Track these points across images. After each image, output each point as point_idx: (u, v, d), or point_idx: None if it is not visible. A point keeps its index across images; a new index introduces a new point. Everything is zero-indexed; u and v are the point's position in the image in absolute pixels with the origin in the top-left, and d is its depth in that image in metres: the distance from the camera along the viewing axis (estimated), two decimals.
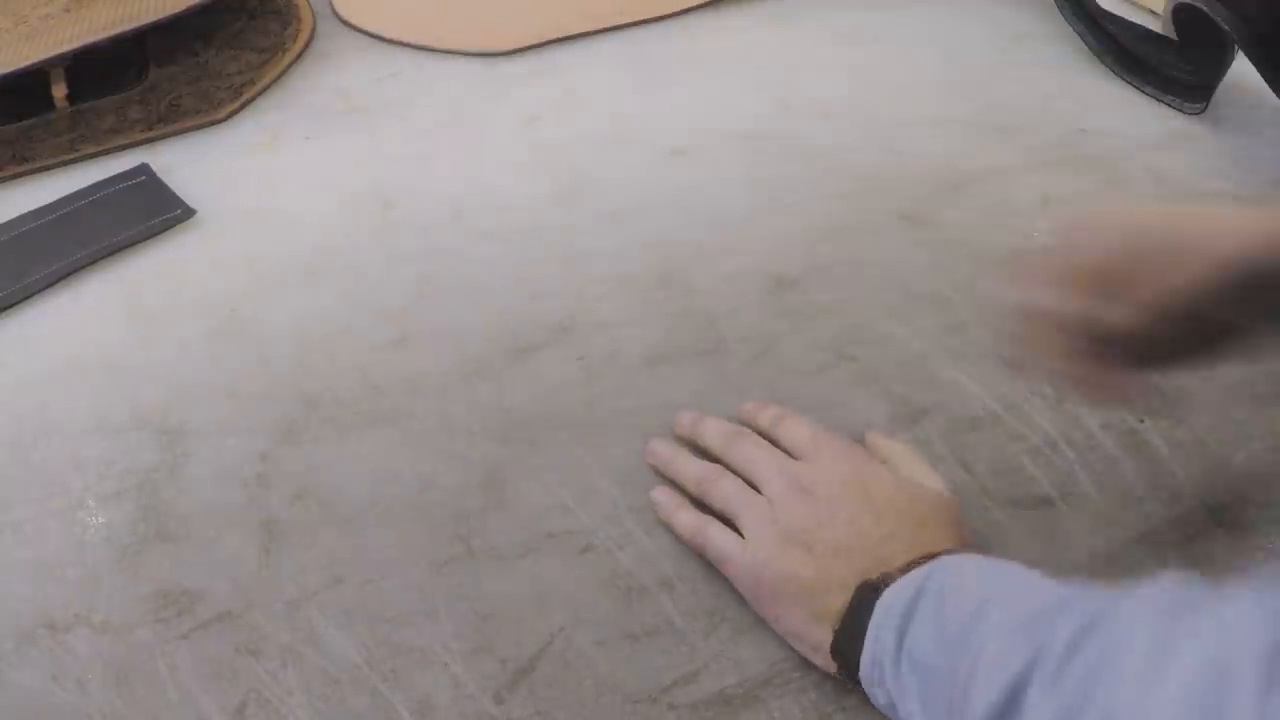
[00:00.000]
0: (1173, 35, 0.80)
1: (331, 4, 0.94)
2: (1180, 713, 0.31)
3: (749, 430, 0.54)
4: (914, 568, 0.44)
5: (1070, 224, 0.49)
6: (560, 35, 0.89)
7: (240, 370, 0.61)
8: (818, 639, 0.46)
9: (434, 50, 0.88)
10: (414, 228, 0.71)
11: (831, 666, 0.46)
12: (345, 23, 0.92)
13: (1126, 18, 0.85)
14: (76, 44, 0.77)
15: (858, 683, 0.44)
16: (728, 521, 0.50)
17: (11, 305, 0.65)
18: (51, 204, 0.72)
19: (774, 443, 0.53)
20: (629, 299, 0.65)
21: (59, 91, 0.78)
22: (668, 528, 0.52)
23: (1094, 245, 0.48)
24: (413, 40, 0.89)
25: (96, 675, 0.47)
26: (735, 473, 0.52)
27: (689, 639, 0.49)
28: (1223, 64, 0.75)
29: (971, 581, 0.42)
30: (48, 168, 0.75)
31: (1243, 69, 0.74)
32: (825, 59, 0.87)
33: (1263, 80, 0.73)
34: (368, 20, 0.92)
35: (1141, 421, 0.57)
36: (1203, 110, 0.78)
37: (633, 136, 0.78)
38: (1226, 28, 0.71)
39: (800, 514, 0.48)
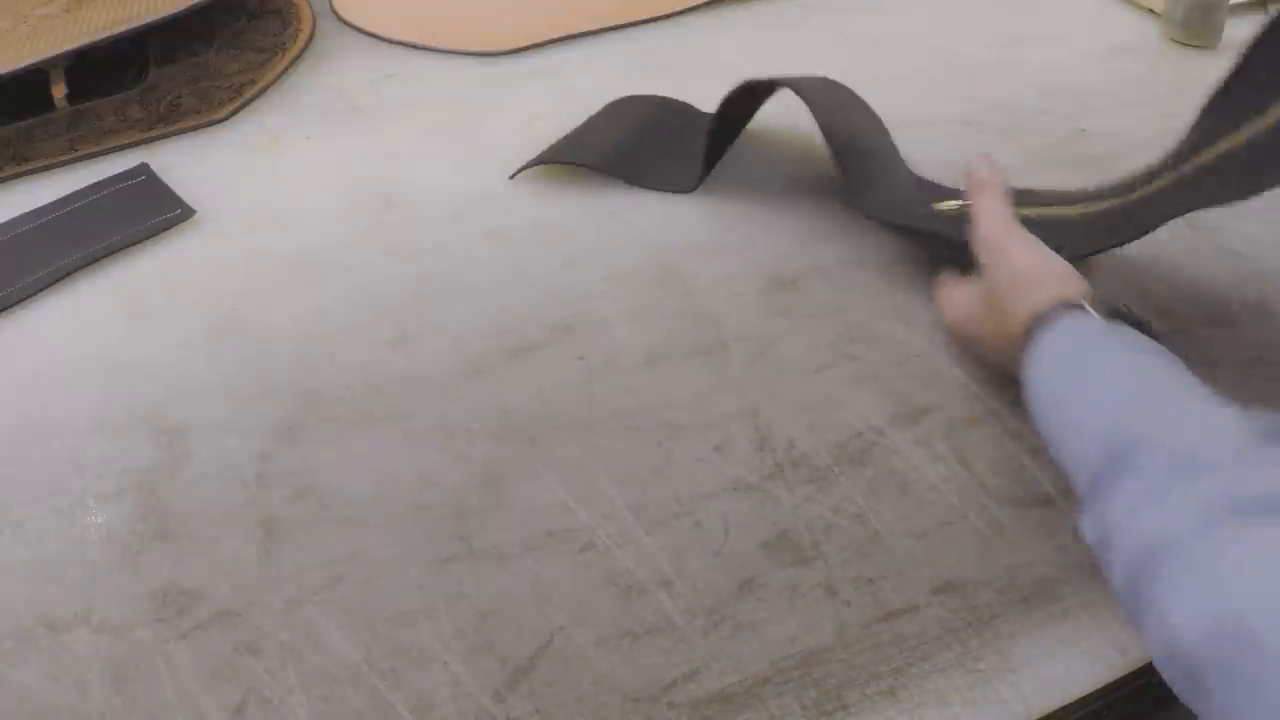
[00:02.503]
0: None
1: (331, 4, 0.94)
2: None
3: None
4: None
5: None
6: (560, 35, 0.89)
7: (240, 369, 0.61)
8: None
9: (434, 50, 0.88)
10: (414, 227, 0.71)
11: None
12: (345, 23, 0.92)
13: None
14: (76, 44, 0.77)
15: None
16: None
17: (11, 305, 0.65)
18: (51, 204, 0.72)
19: None
20: (629, 299, 0.65)
21: (59, 91, 0.78)
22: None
23: None
24: (413, 40, 0.89)
25: (96, 675, 0.47)
26: None
27: (688, 637, 0.48)
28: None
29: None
30: (47, 168, 0.75)
31: None
32: (825, 59, 0.87)
33: None
34: (368, 20, 0.92)
35: None
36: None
37: None
38: None
39: None
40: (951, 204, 0.66)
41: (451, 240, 0.70)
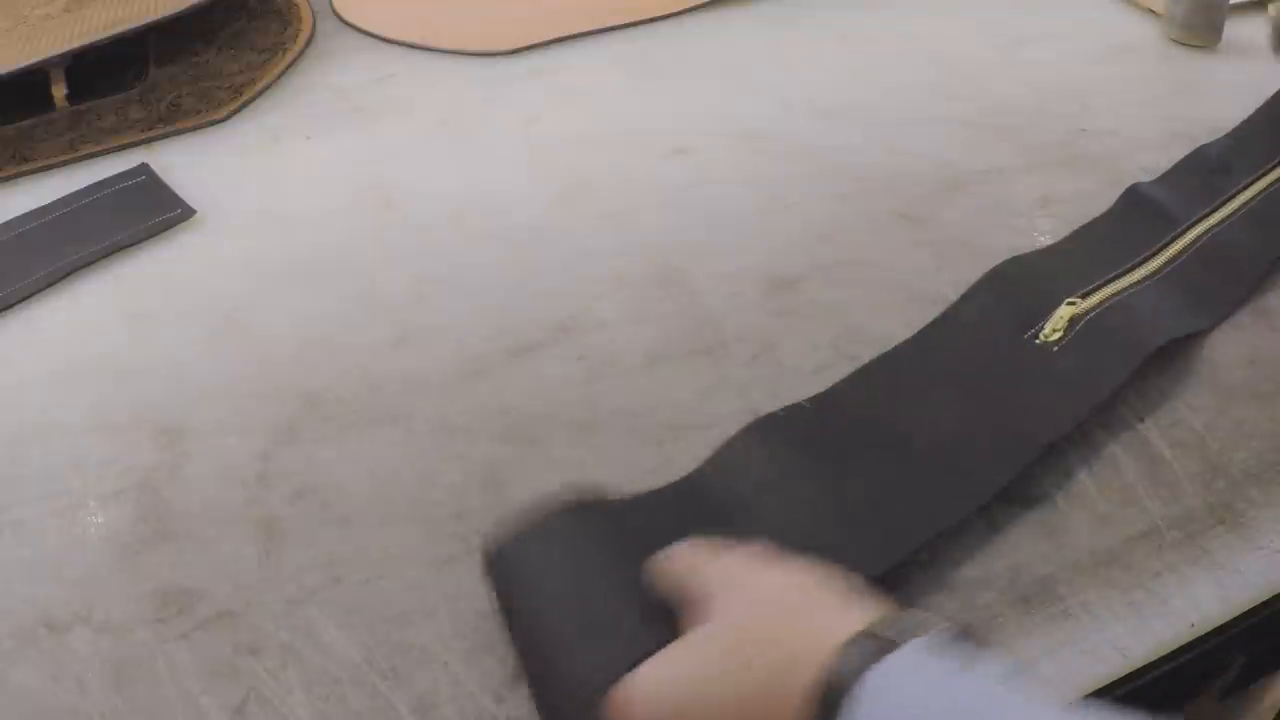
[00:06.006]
0: None
1: (331, 4, 0.94)
2: None
3: None
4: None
5: None
6: (560, 35, 0.89)
7: (240, 370, 0.61)
8: None
9: (434, 50, 0.88)
10: (414, 228, 0.71)
11: None
12: (345, 23, 0.92)
13: None
14: (76, 44, 0.77)
15: None
16: None
17: (11, 305, 0.65)
18: (51, 204, 0.72)
19: None
20: (629, 299, 0.65)
21: (59, 91, 0.78)
22: None
23: None
24: (413, 40, 0.89)
25: (96, 675, 0.47)
26: None
27: None
28: None
29: None
30: (48, 168, 0.75)
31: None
32: (825, 59, 0.87)
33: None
34: (368, 20, 0.92)
35: (1141, 421, 0.57)
36: None
37: (633, 136, 0.78)
38: None
39: None
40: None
41: (451, 240, 0.70)
